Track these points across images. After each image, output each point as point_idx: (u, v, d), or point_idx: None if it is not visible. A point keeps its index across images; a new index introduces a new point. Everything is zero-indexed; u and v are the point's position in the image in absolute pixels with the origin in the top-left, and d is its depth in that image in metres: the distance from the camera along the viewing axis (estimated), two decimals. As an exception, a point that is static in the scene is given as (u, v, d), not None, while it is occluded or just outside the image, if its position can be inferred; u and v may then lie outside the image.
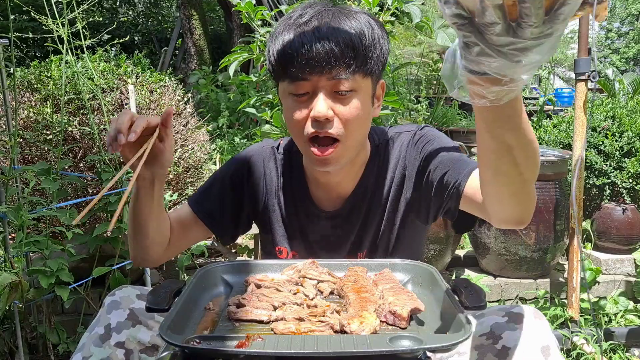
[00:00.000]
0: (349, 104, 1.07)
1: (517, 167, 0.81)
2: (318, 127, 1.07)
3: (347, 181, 1.22)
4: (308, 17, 1.06)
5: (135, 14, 10.13)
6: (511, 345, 0.92)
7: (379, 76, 1.15)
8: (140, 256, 1.20)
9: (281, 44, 1.06)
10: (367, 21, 1.08)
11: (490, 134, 0.78)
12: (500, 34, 0.55)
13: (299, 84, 1.06)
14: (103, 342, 1.02)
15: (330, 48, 1.02)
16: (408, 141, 1.23)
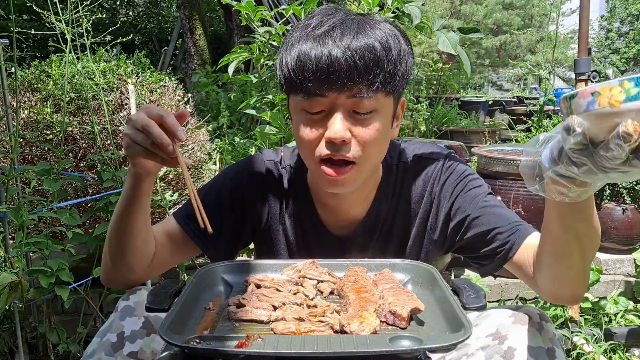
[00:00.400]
0: (368, 125, 0.97)
1: (582, 252, 0.87)
2: (333, 149, 0.98)
3: (357, 203, 1.14)
4: (329, 27, 0.95)
5: (135, 14, 10.13)
6: (517, 346, 0.91)
7: (401, 94, 1.05)
8: (121, 275, 1.09)
9: (297, 55, 0.95)
10: (393, 33, 0.98)
11: (563, 225, 0.84)
12: (618, 164, 0.58)
13: (315, 100, 0.96)
14: (115, 351, 0.96)
15: (353, 62, 0.92)
16: (435, 174, 1.14)
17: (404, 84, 1.02)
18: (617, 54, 18.54)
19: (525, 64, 7.93)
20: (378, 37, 0.95)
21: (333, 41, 0.93)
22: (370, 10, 2.09)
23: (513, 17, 18.40)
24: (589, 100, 0.58)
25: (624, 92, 0.55)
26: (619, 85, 0.55)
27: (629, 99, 0.55)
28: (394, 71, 0.97)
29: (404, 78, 1.01)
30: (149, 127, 0.87)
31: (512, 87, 17.06)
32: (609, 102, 0.56)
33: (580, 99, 0.58)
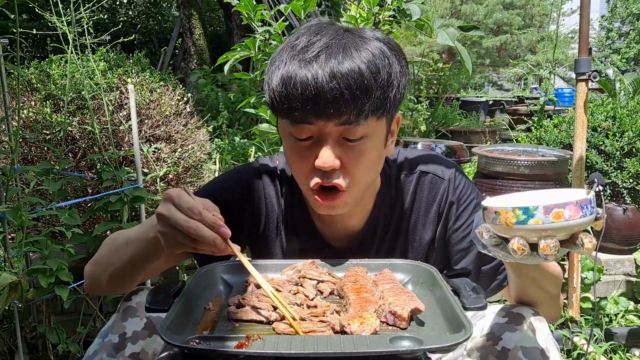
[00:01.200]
0: (359, 152, 0.96)
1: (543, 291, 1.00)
2: (323, 176, 0.96)
3: (354, 215, 1.12)
4: (316, 51, 0.91)
5: (135, 13, 10.12)
6: (511, 347, 0.92)
7: (395, 114, 1.02)
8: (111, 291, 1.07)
9: (283, 78, 0.91)
10: (382, 53, 0.93)
11: (518, 273, 0.97)
12: (524, 259, 0.74)
13: (303, 127, 0.94)
14: (117, 352, 0.96)
15: (340, 92, 0.88)
16: (442, 194, 1.12)
17: (398, 104, 0.99)
18: (618, 54, 18.54)
19: (526, 63, 7.93)
20: (365, 61, 0.90)
21: (319, 66, 0.89)
22: (370, 10, 2.09)
23: (513, 17, 18.39)
24: (493, 216, 0.75)
25: (515, 217, 0.72)
26: (512, 211, 0.72)
27: (518, 222, 0.72)
28: (385, 95, 0.93)
29: (397, 99, 0.97)
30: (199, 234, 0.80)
31: (512, 87, 17.04)
32: (505, 222, 0.73)
33: (489, 213, 0.76)
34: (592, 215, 0.73)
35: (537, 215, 0.71)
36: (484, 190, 2.62)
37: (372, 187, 1.12)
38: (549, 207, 0.71)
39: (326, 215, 1.11)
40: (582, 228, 0.74)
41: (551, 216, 0.71)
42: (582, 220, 0.71)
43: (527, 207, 0.71)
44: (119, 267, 1.00)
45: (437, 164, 1.15)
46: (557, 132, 3.41)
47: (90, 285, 1.10)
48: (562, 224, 0.71)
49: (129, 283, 1.05)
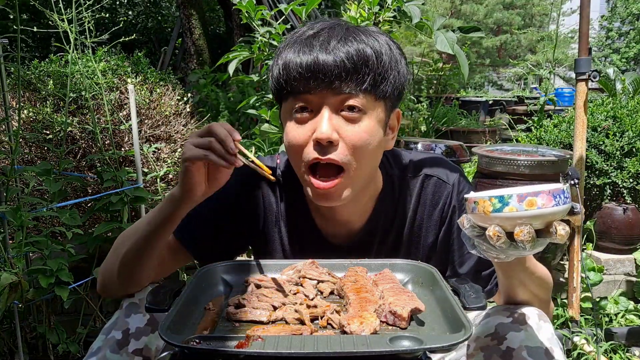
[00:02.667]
0: (357, 124, 0.96)
1: (532, 294, 1.02)
2: (320, 151, 0.95)
3: (355, 212, 1.12)
4: (317, 30, 0.97)
5: (135, 13, 10.13)
6: (515, 346, 0.92)
7: (395, 104, 1.03)
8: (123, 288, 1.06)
9: (285, 57, 0.96)
10: (385, 42, 0.98)
11: (506, 275, 0.99)
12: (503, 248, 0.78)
13: (302, 97, 0.96)
14: (120, 349, 0.97)
15: (340, 59, 0.92)
16: (445, 199, 1.13)
17: (397, 93, 1.01)
18: (618, 54, 18.54)
19: (526, 63, 7.93)
20: (369, 43, 0.95)
21: (320, 43, 0.94)
22: (370, 10, 2.09)
23: (513, 17, 18.39)
24: (472, 206, 0.79)
25: (491, 205, 0.76)
26: (489, 200, 0.77)
27: (495, 210, 0.76)
28: (385, 74, 0.96)
29: (396, 85, 0.99)
30: (213, 127, 0.90)
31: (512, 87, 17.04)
32: (483, 210, 0.77)
33: (468, 203, 0.80)
34: (566, 206, 0.76)
35: (512, 203, 0.75)
36: (484, 190, 2.62)
37: (372, 187, 1.12)
38: (523, 195, 0.74)
39: (326, 212, 1.11)
40: (557, 218, 0.76)
41: (524, 204, 0.74)
42: (555, 209, 0.74)
43: (502, 195, 0.76)
44: (131, 249, 1.02)
45: (442, 167, 1.15)
46: (557, 132, 3.41)
47: (102, 282, 1.10)
48: (535, 212, 0.74)
49: (138, 273, 1.05)
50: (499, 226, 0.76)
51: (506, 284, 1.02)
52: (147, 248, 1.02)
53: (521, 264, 0.96)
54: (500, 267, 0.97)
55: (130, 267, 1.04)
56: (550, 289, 1.07)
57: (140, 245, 1.02)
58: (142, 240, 1.02)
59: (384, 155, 1.13)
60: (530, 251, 0.78)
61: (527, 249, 0.76)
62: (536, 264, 1.01)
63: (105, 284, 1.10)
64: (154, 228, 1.00)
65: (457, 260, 1.14)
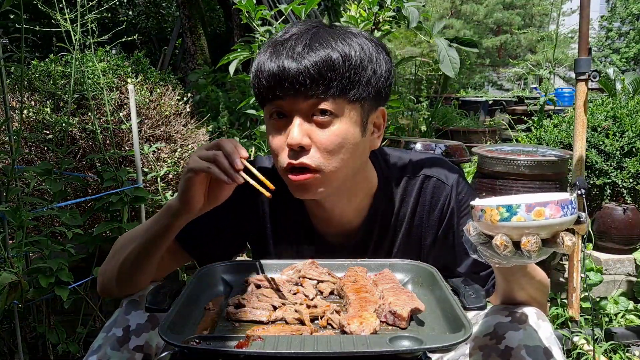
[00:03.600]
0: (328, 128, 0.96)
1: (530, 297, 1.02)
2: (293, 156, 0.97)
3: (349, 213, 1.12)
4: (289, 35, 0.98)
5: (135, 13, 10.12)
6: (514, 346, 0.92)
7: (377, 102, 1.03)
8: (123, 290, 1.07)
9: (257, 64, 0.99)
10: (358, 43, 0.97)
11: (506, 279, 0.99)
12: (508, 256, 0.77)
13: (275, 103, 0.98)
14: (121, 346, 0.97)
15: (304, 66, 0.92)
16: (444, 200, 1.13)
17: (375, 92, 1.00)
18: (618, 54, 18.54)
19: (526, 63, 7.93)
20: (337, 47, 0.94)
21: (286, 51, 0.94)
22: (370, 10, 2.09)
23: (513, 17, 18.39)
24: (479, 214, 0.79)
25: (498, 214, 0.76)
26: (496, 208, 0.76)
27: (502, 219, 0.76)
28: (355, 77, 0.95)
29: (372, 85, 0.98)
30: (222, 142, 0.91)
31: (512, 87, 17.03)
32: (490, 219, 0.77)
33: (475, 211, 0.80)
34: (573, 216, 0.76)
35: (520, 212, 0.75)
36: (484, 190, 2.62)
37: (364, 185, 1.12)
38: (531, 206, 0.74)
39: (318, 211, 1.12)
40: (564, 228, 0.76)
41: (533, 214, 0.74)
42: (562, 220, 0.75)
43: (510, 205, 0.75)
44: (129, 258, 1.03)
45: (442, 168, 1.15)
46: (557, 132, 3.41)
47: (102, 284, 1.11)
48: (543, 222, 0.74)
49: (137, 277, 1.06)
50: (506, 235, 0.76)
51: (505, 287, 1.02)
52: (146, 256, 1.03)
53: (522, 269, 0.96)
54: (500, 271, 0.98)
55: (130, 273, 1.05)
56: (548, 292, 1.08)
57: (139, 252, 1.03)
58: (141, 247, 1.02)
59: (380, 156, 1.14)
60: (535, 260, 0.78)
61: (532, 258, 0.76)
62: (535, 268, 1.02)
63: (105, 285, 1.11)
64: (152, 238, 1.01)
65: (456, 260, 1.14)
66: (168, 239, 1.02)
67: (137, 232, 1.07)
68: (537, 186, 2.53)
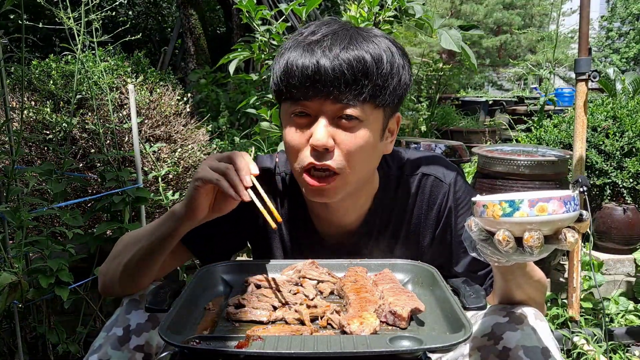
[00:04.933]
0: (353, 133, 0.96)
1: (528, 297, 1.02)
2: (316, 157, 0.96)
3: (351, 212, 1.13)
4: (321, 35, 0.96)
5: (135, 13, 10.12)
6: (512, 346, 0.92)
7: (395, 109, 1.03)
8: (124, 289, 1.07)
9: (286, 62, 0.96)
10: (387, 47, 0.97)
11: (504, 278, 0.99)
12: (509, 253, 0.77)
13: (301, 103, 0.96)
14: (122, 345, 0.97)
15: (340, 70, 0.91)
16: (442, 198, 1.13)
17: (397, 100, 1.00)
18: (618, 54, 18.54)
19: (526, 63, 7.93)
20: (370, 50, 0.94)
21: (322, 50, 0.93)
22: (370, 10, 2.09)
23: (513, 17, 18.38)
24: (481, 209, 0.78)
25: (501, 209, 0.76)
26: (499, 204, 0.76)
27: (504, 215, 0.76)
28: (384, 84, 0.96)
29: (396, 93, 0.99)
30: (234, 156, 0.91)
31: (512, 87, 17.02)
32: (492, 214, 0.76)
33: (477, 207, 0.79)
34: (575, 213, 0.76)
35: (523, 208, 0.74)
36: (484, 190, 2.62)
37: (369, 187, 1.12)
38: (534, 201, 0.74)
39: (321, 212, 1.12)
40: (566, 224, 0.76)
41: (536, 209, 0.74)
42: (565, 216, 0.74)
43: (513, 200, 0.75)
44: (132, 261, 1.03)
45: (440, 166, 1.15)
46: (557, 132, 3.41)
47: (104, 284, 1.11)
48: (546, 218, 0.74)
49: (140, 278, 1.06)
50: (508, 231, 0.76)
51: (503, 287, 1.02)
52: (150, 258, 1.03)
53: (521, 268, 0.96)
54: (499, 270, 0.97)
55: (133, 273, 1.05)
56: (545, 292, 1.08)
57: (144, 254, 1.03)
58: (146, 250, 1.02)
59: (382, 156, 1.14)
60: (537, 257, 0.78)
61: (534, 255, 0.76)
62: (534, 267, 1.02)
63: (106, 285, 1.11)
64: (157, 241, 1.01)
65: (453, 259, 1.14)
66: (172, 242, 1.02)
67: (140, 234, 1.07)
68: (537, 186, 2.53)
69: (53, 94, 2.42)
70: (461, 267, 1.13)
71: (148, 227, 1.05)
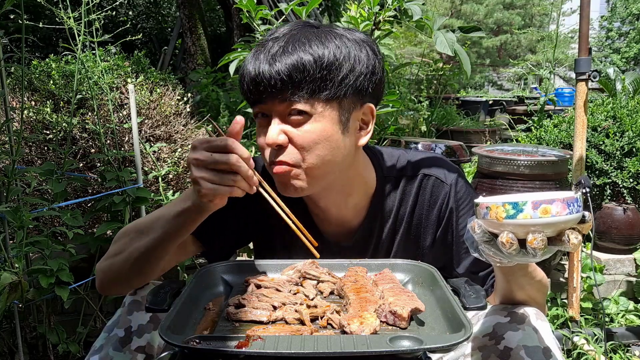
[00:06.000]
0: (302, 127, 0.98)
1: (529, 298, 1.02)
2: (273, 154, 1.00)
3: (347, 213, 1.13)
4: (270, 38, 1.01)
5: (135, 13, 10.12)
6: (513, 346, 0.92)
7: (360, 99, 1.02)
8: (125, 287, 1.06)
9: (243, 66, 1.02)
10: (337, 43, 0.98)
11: (506, 279, 0.99)
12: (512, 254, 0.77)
13: (257, 105, 1.01)
14: (123, 346, 0.97)
15: (275, 71, 0.95)
16: (443, 198, 1.13)
17: (354, 90, 0.99)
18: (618, 54, 18.53)
19: (526, 63, 7.93)
20: (309, 48, 0.96)
21: (264, 55, 0.97)
22: (370, 10, 2.08)
23: (513, 17, 18.38)
24: (484, 211, 0.78)
25: (504, 211, 0.75)
26: (502, 206, 0.76)
27: (508, 217, 0.75)
28: (328, 77, 0.96)
29: (349, 84, 0.98)
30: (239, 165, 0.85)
31: (512, 87, 17.02)
32: (495, 216, 0.76)
33: (480, 208, 0.79)
34: (579, 214, 0.76)
35: (526, 210, 0.74)
36: (484, 190, 2.62)
37: (359, 183, 1.12)
38: (537, 203, 0.74)
39: (315, 208, 1.13)
40: (569, 226, 0.76)
41: (539, 211, 0.74)
42: (568, 217, 0.74)
43: (517, 202, 0.75)
44: (143, 250, 0.99)
45: (441, 167, 1.15)
46: (557, 132, 3.41)
47: (104, 282, 1.08)
48: (549, 220, 0.74)
49: (148, 271, 1.03)
50: (512, 233, 0.76)
51: (505, 287, 1.02)
52: (161, 250, 1.00)
53: (523, 269, 0.96)
54: (501, 271, 0.97)
55: (140, 267, 1.02)
56: (547, 292, 1.09)
57: (153, 247, 0.99)
58: (155, 242, 0.99)
59: (378, 155, 1.15)
60: (539, 259, 0.78)
61: (537, 256, 0.76)
62: (536, 268, 1.02)
63: (107, 282, 1.08)
64: (170, 234, 0.97)
65: (454, 260, 1.14)
66: (186, 233, 1.00)
67: (144, 225, 1.02)
68: (537, 186, 2.53)
69: (53, 94, 2.42)
70: (462, 268, 1.13)
71: (155, 218, 1.01)
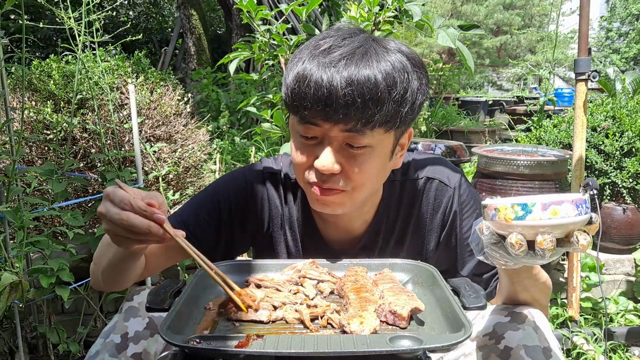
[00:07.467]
0: (361, 162, 0.94)
1: (533, 299, 1.02)
2: (320, 178, 0.95)
3: (356, 219, 1.13)
4: (337, 55, 0.90)
5: (135, 13, 10.12)
6: (513, 346, 0.92)
7: (408, 126, 1.00)
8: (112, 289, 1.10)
9: (298, 76, 0.91)
10: (401, 67, 0.91)
11: (511, 281, 0.98)
12: (520, 256, 0.77)
13: (310, 127, 0.93)
14: (119, 353, 0.96)
15: (352, 98, 0.87)
16: (447, 201, 1.12)
17: (410, 121, 0.98)
18: (618, 54, 18.53)
19: (526, 63, 7.93)
20: (383, 72, 0.89)
21: (336, 71, 0.88)
22: (370, 10, 2.09)
23: (513, 17, 18.38)
24: (492, 213, 0.78)
25: (513, 212, 0.75)
26: (511, 207, 0.76)
27: (517, 218, 0.75)
28: (397, 110, 0.91)
29: (409, 116, 0.95)
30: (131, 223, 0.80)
31: (512, 87, 17.01)
32: (504, 218, 0.76)
33: (488, 210, 0.79)
34: (587, 215, 0.76)
35: (535, 211, 0.74)
36: (484, 190, 2.62)
37: (375, 197, 1.12)
38: (547, 204, 0.74)
39: (328, 218, 1.12)
40: (577, 227, 0.76)
41: (548, 213, 0.74)
42: (577, 219, 0.75)
43: (526, 203, 0.75)
44: (106, 266, 1.03)
45: (444, 170, 1.15)
46: (557, 132, 3.41)
47: (93, 282, 1.13)
48: (558, 221, 0.74)
49: (121, 281, 1.07)
50: (521, 234, 0.76)
51: (509, 289, 1.01)
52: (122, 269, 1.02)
53: (529, 271, 0.96)
54: (507, 273, 0.97)
55: (113, 277, 1.06)
56: (550, 294, 1.08)
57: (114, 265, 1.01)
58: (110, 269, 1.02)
59: None
60: (547, 260, 0.77)
61: (545, 258, 0.76)
62: (541, 270, 1.01)
63: (96, 283, 1.13)
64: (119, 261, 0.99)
65: (459, 263, 1.14)
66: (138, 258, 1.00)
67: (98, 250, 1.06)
68: (537, 186, 2.53)
69: (54, 94, 2.42)
70: (466, 270, 1.13)
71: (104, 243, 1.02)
